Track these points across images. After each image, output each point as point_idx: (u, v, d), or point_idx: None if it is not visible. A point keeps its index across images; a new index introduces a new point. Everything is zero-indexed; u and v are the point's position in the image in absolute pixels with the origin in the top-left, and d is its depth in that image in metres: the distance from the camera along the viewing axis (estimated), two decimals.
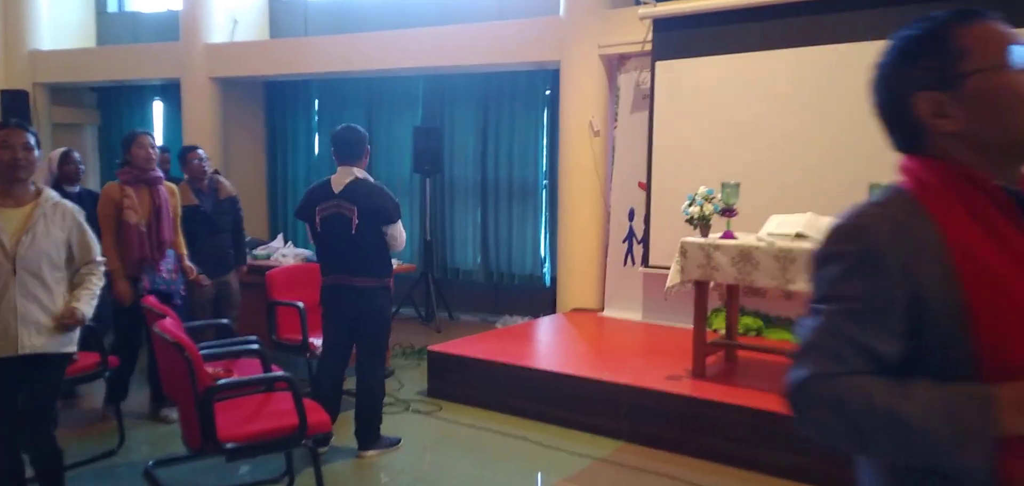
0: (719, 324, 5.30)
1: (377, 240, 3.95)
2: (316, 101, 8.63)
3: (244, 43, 8.20)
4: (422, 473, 3.95)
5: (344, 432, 4.13)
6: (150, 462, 3.70)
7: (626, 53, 6.29)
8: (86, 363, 3.91)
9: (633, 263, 6.34)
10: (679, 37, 5.83)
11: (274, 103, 8.85)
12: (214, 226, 4.94)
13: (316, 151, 8.66)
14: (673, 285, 4.42)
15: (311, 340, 4.61)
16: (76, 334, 3.02)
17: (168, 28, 8.66)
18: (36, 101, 8.88)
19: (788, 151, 5.37)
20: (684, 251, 4.40)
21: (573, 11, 6.44)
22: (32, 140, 2.85)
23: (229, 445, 2.93)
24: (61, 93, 9.26)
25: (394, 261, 4.46)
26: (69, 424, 4.38)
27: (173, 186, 4.59)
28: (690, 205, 4.44)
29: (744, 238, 4.31)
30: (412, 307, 7.35)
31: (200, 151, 5.02)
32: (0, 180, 2.81)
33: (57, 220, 2.91)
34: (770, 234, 4.22)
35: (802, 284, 4.01)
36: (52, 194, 2.96)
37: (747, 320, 5.52)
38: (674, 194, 5.30)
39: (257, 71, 8.11)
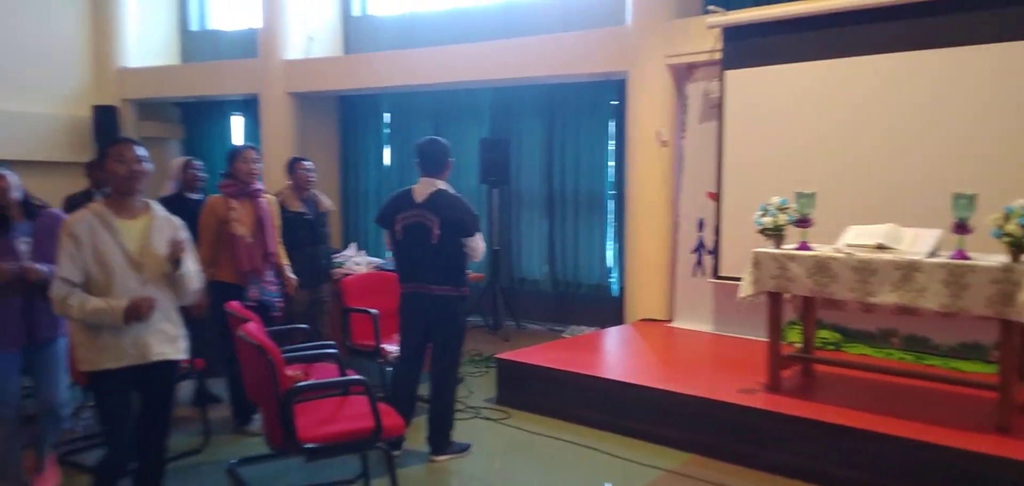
0: (795, 337, 5.18)
1: (456, 251, 4.03)
2: (387, 114, 8.84)
3: (319, 59, 8.47)
4: (491, 479, 3.98)
5: (416, 436, 4.20)
6: (233, 460, 3.85)
7: (694, 62, 6.23)
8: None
9: (703, 273, 6.26)
10: (750, 45, 5.74)
11: (347, 116, 9.11)
12: (315, 236, 5.10)
13: (386, 163, 8.86)
14: (746, 296, 4.35)
15: (383, 346, 4.72)
16: (186, 342, 3.06)
17: (247, 45, 9.02)
18: (125, 116, 9.36)
19: (869, 161, 5.22)
20: (757, 262, 4.32)
21: (640, 21, 6.42)
22: (143, 154, 2.93)
23: (309, 445, 3.03)
24: (147, 108, 9.73)
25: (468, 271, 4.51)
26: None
27: (272, 198, 4.66)
28: (763, 215, 4.36)
29: (821, 249, 4.21)
30: (479, 315, 7.44)
31: (306, 162, 5.19)
32: (116, 193, 2.89)
33: (166, 232, 2.95)
34: (849, 245, 4.11)
35: (884, 296, 3.89)
36: (159, 208, 3.00)
37: (825, 333, 5.38)
38: (745, 204, 5.21)
39: (331, 86, 8.36)
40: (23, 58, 8.70)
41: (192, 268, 3.02)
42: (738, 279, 4.53)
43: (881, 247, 3.99)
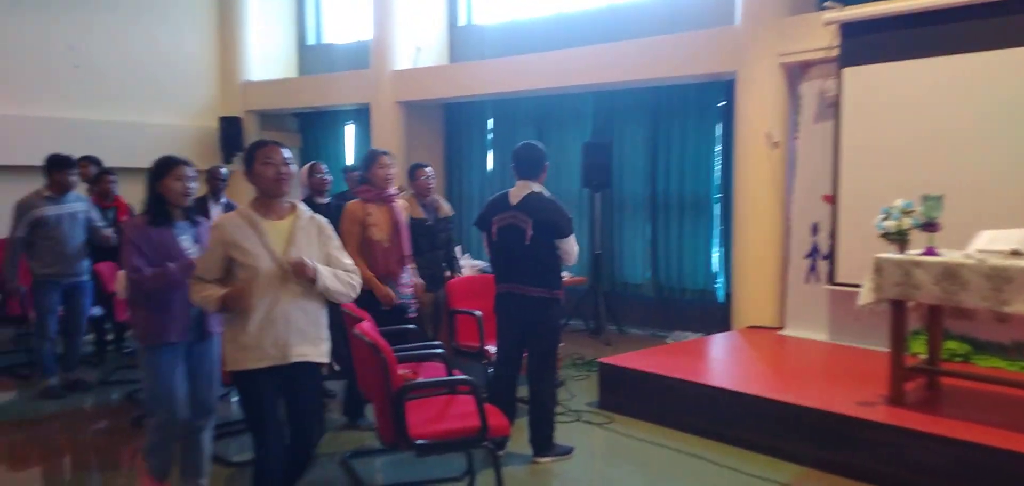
0: (919, 348, 4.88)
1: (549, 252, 4.06)
2: (490, 120, 8.98)
3: (426, 69, 8.71)
4: (594, 484, 3.97)
5: (519, 438, 4.25)
6: (347, 453, 4.02)
7: (809, 60, 5.99)
8: None
9: (817, 280, 6.00)
10: (870, 41, 5.46)
11: (452, 123, 9.32)
12: (434, 242, 5.26)
13: (489, 168, 9.00)
14: (866, 303, 4.14)
15: (487, 347, 4.80)
16: (327, 344, 3.00)
17: (360, 57, 9.40)
18: (247, 127, 9.96)
19: (1002, 162, 4.86)
20: (879, 268, 4.11)
21: (751, 19, 6.23)
22: (289, 156, 2.96)
23: (418, 441, 3.13)
24: (268, 119, 10.32)
25: (565, 274, 4.52)
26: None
27: (404, 202, 4.77)
28: (886, 219, 4.14)
29: (949, 254, 3.95)
30: (581, 319, 7.42)
31: (427, 169, 5.33)
32: (264, 195, 2.89)
33: (313, 233, 2.95)
34: (980, 251, 3.84)
35: (1020, 306, 3.61)
36: (305, 209, 2.98)
37: (952, 344, 5.03)
38: (864, 207, 4.96)
39: (438, 94, 8.58)
40: (159, 74, 9.42)
41: (333, 274, 2.94)
42: (856, 286, 4.32)
43: (1016, 253, 3.70)
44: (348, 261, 3.03)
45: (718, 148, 7.27)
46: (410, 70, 8.71)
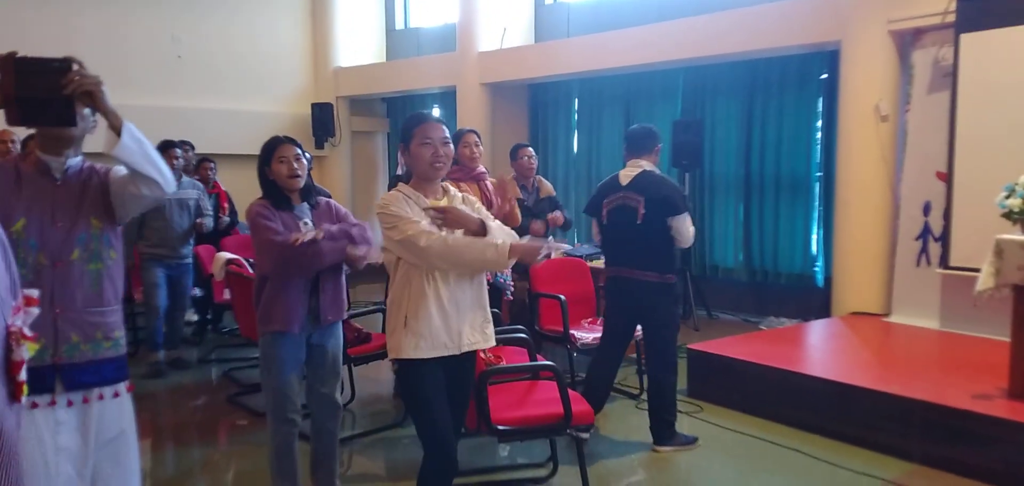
0: None
1: (662, 232, 3.91)
2: (576, 100, 8.83)
3: (511, 49, 8.64)
4: (684, 475, 3.82)
5: (607, 424, 4.14)
6: None
7: (922, 27, 5.55)
8: (380, 342, 4.36)
9: (928, 263, 5.59)
10: (989, 5, 5.02)
11: (537, 104, 9.22)
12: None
13: (574, 149, 8.85)
14: (985, 289, 3.80)
15: (572, 332, 4.70)
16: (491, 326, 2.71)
17: (446, 40, 9.42)
18: (338, 112, 10.19)
19: None
20: (1000, 250, 3.75)
21: None
22: (446, 135, 2.62)
23: (501, 427, 3.07)
24: (357, 104, 10.53)
25: None
26: (363, 399, 4.93)
27: (510, 180, 4.76)
28: (1008, 197, 3.79)
29: None
30: None
31: (529, 149, 5.29)
32: (421, 177, 2.61)
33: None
34: None
35: None
36: (455, 191, 2.71)
37: None
38: (983, 185, 4.57)
39: (523, 75, 8.49)
40: (256, 63, 9.75)
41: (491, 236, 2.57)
42: (973, 270, 3.99)
43: None
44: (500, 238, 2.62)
45: (819, 123, 6.87)
46: (495, 51, 8.66)
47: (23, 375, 0.87)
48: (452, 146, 2.63)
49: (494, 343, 2.71)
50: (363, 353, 4.38)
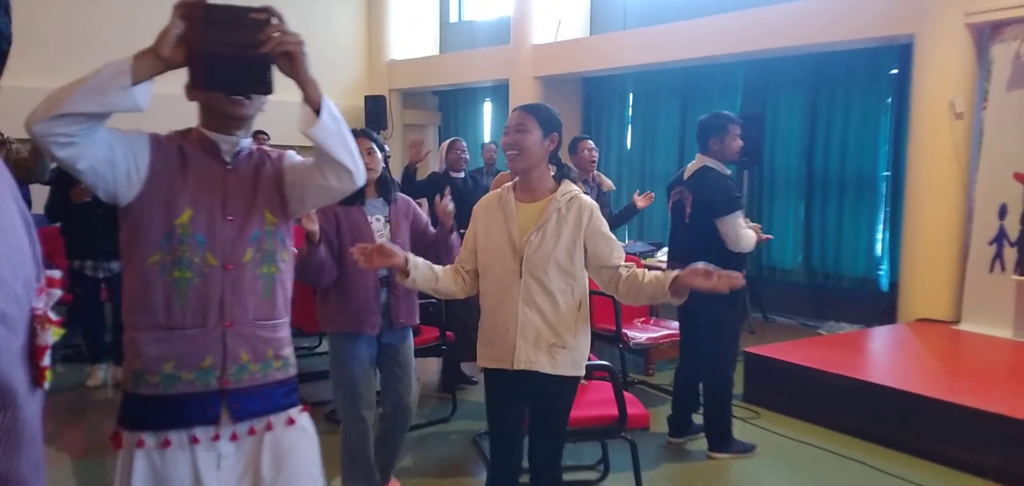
0: None
1: (709, 233, 3.73)
2: (631, 94, 8.66)
3: (566, 42, 8.52)
4: (742, 483, 3.67)
5: (662, 425, 4.03)
6: (480, 432, 3.96)
7: (1002, 19, 5.25)
8: (428, 336, 4.32)
9: (1002, 269, 5.29)
10: None
11: (590, 98, 9.08)
12: None
13: (628, 145, 8.68)
14: None
15: (625, 331, 4.59)
16: (582, 356, 2.48)
17: (500, 33, 9.35)
18: (391, 105, 10.22)
19: None
20: None
21: None
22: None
23: None
24: (410, 97, 10.55)
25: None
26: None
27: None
28: None
29: None
30: None
31: (589, 142, 5.19)
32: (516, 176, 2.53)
33: (571, 218, 2.42)
34: None
35: None
36: (570, 186, 2.50)
37: None
38: None
39: (578, 68, 8.36)
40: (312, 55, 9.79)
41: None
42: None
43: None
44: (620, 253, 2.46)
45: (888, 120, 6.58)
46: (549, 44, 8.55)
47: (47, 360, 0.83)
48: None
49: (570, 372, 2.45)
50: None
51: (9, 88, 1.20)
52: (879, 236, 6.75)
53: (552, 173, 2.50)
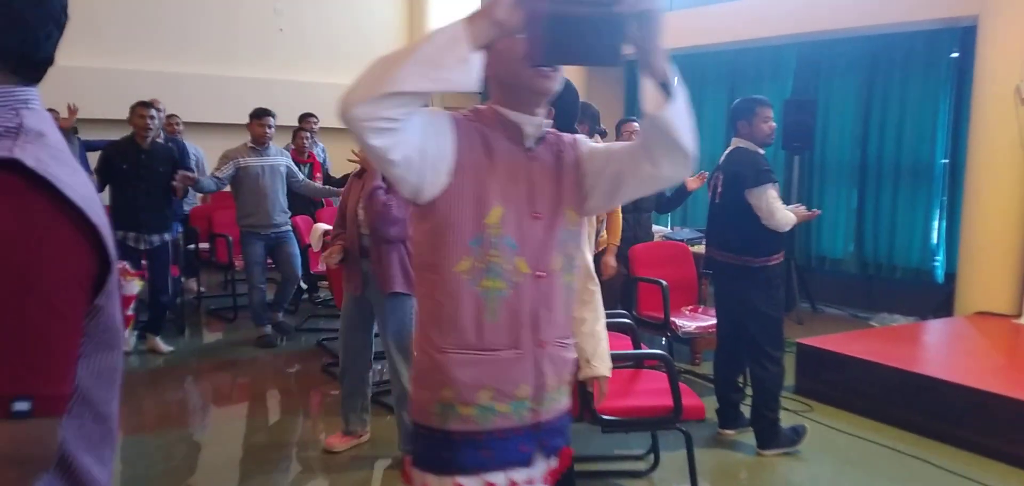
0: None
1: (739, 210, 3.65)
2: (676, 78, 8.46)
3: None
4: (796, 480, 3.56)
5: (713, 417, 3.93)
6: None
7: None
8: None
9: None
10: None
11: (634, 80, 8.90)
12: (638, 202, 5.03)
13: None
14: None
15: (673, 319, 4.49)
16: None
17: None
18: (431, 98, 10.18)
19: None
20: None
21: None
22: None
23: (606, 417, 2.91)
24: None
25: None
26: None
27: None
28: None
29: None
30: None
31: (635, 124, 5.08)
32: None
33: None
34: None
35: None
36: None
37: None
38: None
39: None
40: (351, 38, 9.84)
41: None
42: None
43: None
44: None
45: (947, 105, 6.34)
46: None
47: (130, 310, 0.98)
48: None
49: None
50: None
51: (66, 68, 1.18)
52: (935, 226, 6.52)
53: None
